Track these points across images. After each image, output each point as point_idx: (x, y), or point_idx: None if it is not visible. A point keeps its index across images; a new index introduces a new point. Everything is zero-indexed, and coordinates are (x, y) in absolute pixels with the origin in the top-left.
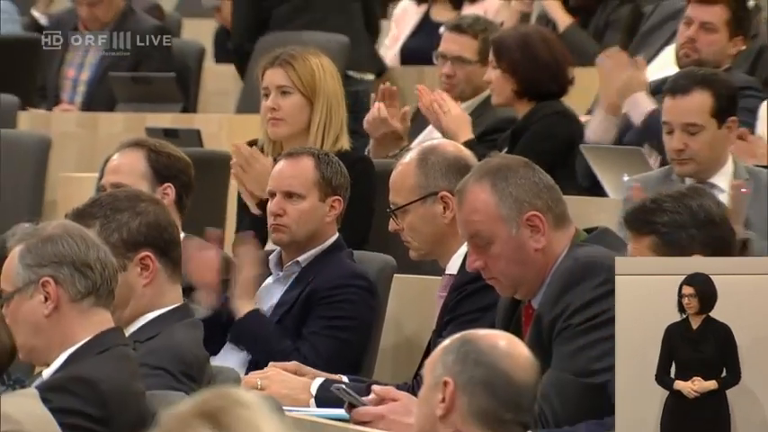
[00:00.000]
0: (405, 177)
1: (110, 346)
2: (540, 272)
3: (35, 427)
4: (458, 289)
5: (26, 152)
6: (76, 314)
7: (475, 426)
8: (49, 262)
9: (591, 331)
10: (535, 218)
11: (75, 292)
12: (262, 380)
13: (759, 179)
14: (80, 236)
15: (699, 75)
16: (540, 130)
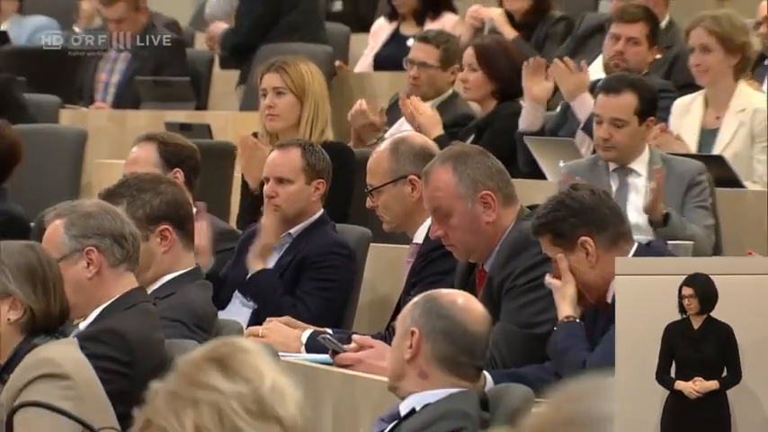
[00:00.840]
0: (379, 163)
1: (135, 303)
2: (490, 241)
3: (74, 369)
4: (423, 255)
5: (66, 143)
6: (113, 277)
7: (436, 368)
8: (93, 234)
9: (532, 291)
10: (487, 196)
11: (114, 259)
12: (263, 330)
13: (671, 165)
14: (114, 212)
15: (629, 79)
16: (501, 127)
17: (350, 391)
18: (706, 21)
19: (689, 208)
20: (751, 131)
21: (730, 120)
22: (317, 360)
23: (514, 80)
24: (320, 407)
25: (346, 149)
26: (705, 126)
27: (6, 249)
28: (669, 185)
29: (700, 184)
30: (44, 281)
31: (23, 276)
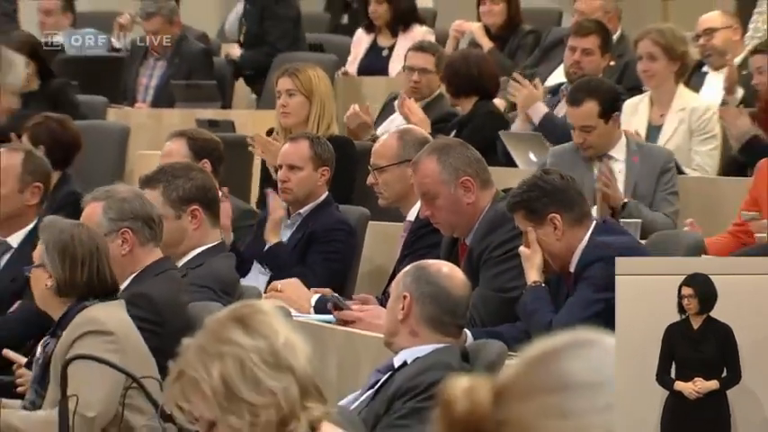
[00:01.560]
0: (387, 147)
1: (162, 271)
2: (470, 219)
3: (117, 327)
4: (414, 231)
5: (112, 137)
6: (143, 253)
7: (424, 326)
8: (127, 217)
9: (506, 261)
10: (467, 181)
11: (144, 238)
12: (282, 284)
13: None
14: (144, 197)
15: (587, 88)
16: (479, 123)
17: (351, 347)
18: (652, 33)
19: (660, 196)
20: (689, 127)
21: (672, 117)
22: (324, 320)
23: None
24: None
25: (348, 142)
26: (651, 123)
27: (53, 226)
28: (644, 169)
29: (670, 170)
30: (73, 256)
31: (56, 250)
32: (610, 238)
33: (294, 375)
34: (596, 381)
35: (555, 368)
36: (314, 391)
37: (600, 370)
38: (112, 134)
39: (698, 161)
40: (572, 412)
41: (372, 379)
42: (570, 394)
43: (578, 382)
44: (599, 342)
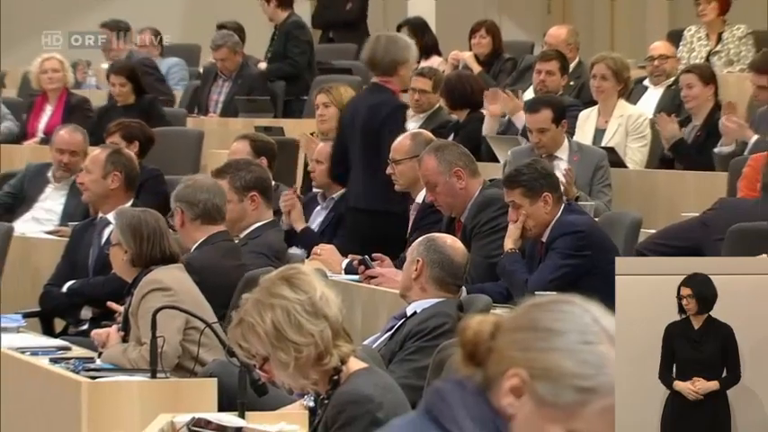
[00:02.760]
0: (402, 145)
1: (213, 242)
2: (464, 202)
3: (175, 284)
4: (421, 211)
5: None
6: (193, 227)
7: (431, 285)
8: (181, 199)
9: (491, 234)
10: (459, 171)
11: (194, 215)
12: (320, 249)
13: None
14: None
15: (544, 100)
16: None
17: (373, 299)
18: (606, 59)
19: (596, 188)
20: (626, 129)
21: (613, 122)
22: (352, 279)
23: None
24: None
25: None
26: (598, 127)
27: (124, 212)
28: (582, 165)
29: (603, 167)
30: (141, 234)
31: (129, 231)
32: (573, 217)
33: (328, 321)
34: (557, 328)
35: (531, 315)
36: (343, 333)
37: (562, 321)
38: (190, 137)
39: (630, 155)
40: (530, 347)
41: (389, 324)
42: (534, 334)
43: (542, 327)
44: (571, 302)
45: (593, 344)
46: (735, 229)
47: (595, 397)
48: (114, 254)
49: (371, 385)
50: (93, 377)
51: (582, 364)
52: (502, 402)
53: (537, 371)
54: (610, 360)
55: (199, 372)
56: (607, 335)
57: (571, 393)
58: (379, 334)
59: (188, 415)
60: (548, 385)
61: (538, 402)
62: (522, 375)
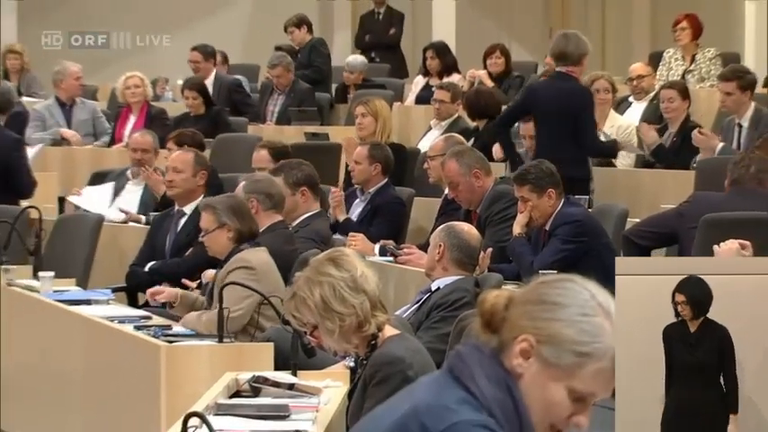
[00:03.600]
0: (437, 144)
1: (274, 229)
2: (479, 196)
3: (258, 264)
4: (444, 205)
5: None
6: (264, 215)
7: (452, 265)
8: (257, 191)
9: (502, 223)
10: (477, 172)
11: (267, 206)
12: (351, 238)
13: None
14: (269, 179)
15: None
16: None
17: (403, 277)
18: (605, 76)
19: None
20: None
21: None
22: (385, 260)
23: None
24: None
25: (401, 146)
26: None
27: (218, 200)
28: None
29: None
30: (241, 213)
31: (230, 212)
32: (572, 209)
33: (367, 295)
34: (560, 302)
35: (539, 291)
36: (379, 305)
37: (565, 296)
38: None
39: (621, 159)
40: (537, 318)
41: (416, 298)
42: (541, 306)
43: (548, 301)
44: (572, 281)
45: (590, 316)
46: (706, 218)
47: (591, 360)
48: (217, 236)
49: (403, 348)
50: (170, 341)
51: (580, 332)
52: (513, 363)
53: (543, 337)
54: (604, 330)
55: (258, 337)
56: (602, 309)
57: (571, 356)
58: (408, 306)
59: (249, 373)
60: (551, 349)
61: (543, 363)
62: (530, 340)
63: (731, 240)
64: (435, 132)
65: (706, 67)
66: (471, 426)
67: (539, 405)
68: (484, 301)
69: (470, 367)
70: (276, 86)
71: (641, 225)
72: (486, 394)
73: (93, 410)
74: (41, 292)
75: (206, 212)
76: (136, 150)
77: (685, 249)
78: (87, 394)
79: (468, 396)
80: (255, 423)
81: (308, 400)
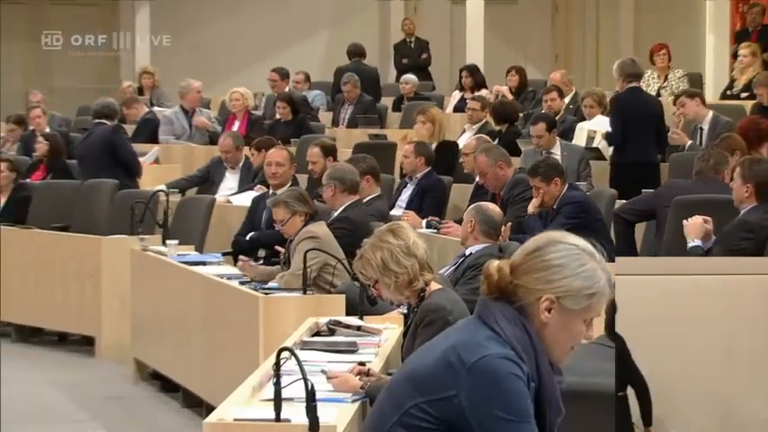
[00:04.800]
0: (471, 143)
1: (354, 207)
2: (503, 182)
3: (322, 234)
4: (475, 189)
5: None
6: (341, 196)
7: (481, 235)
8: (334, 178)
9: (519, 203)
10: (501, 164)
11: (342, 188)
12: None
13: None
14: (346, 167)
15: (539, 116)
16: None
17: (444, 244)
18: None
19: (583, 175)
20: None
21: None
22: (431, 231)
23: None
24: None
25: (452, 144)
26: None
27: (285, 195)
28: (570, 158)
29: (584, 159)
30: (306, 200)
31: (298, 201)
32: (574, 193)
33: (417, 259)
34: (561, 263)
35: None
36: (427, 266)
37: (561, 257)
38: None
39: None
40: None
41: (454, 261)
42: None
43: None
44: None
45: (584, 264)
46: (677, 200)
47: (597, 296)
48: (294, 222)
49: (444, 299)
50: (266, 293)
51: (584, 280)
52: (540, 317)
53: (560, 293)
54: (596, 270)
55: (333, 290)
56: (587, 253)
57: (584, 300)
58: (448, 267)
59: (326, 318)
60: (569, 300)
61: (564, 312)
62: (551, 298)
63: (696, 216)
64: (468, 134)
65: (676, 84)
66: (498, 358)
67: (564, 339)
68: (490, 276)
69: (493, 312)
70: (346, 99)
71: (628, 204)
72: (507, 333)
73: (207, 346)
74: (168, 255)
75: (278, 207)
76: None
77: (661, 223)
78: (203, 334)
79: (494, 335)
80: (331, 356)
81: (372, 339)
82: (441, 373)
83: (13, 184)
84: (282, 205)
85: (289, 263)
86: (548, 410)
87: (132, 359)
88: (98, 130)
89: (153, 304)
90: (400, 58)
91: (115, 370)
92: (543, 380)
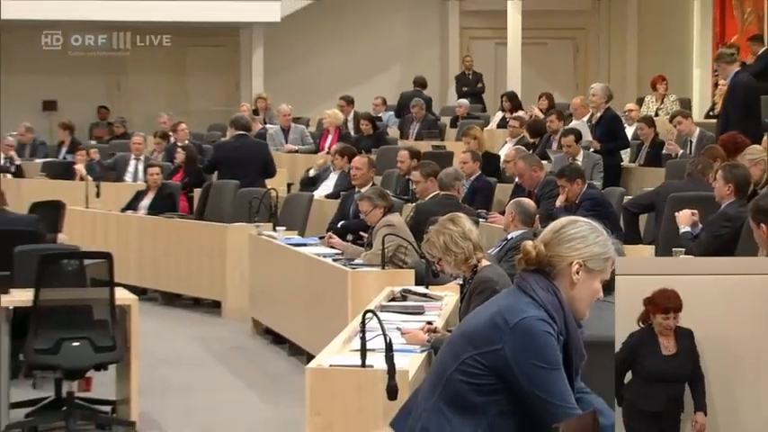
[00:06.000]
0: (510, 152)
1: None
2: (536, 182)
3: (397, 222)
4: (516, 189)
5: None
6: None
7: (520, 223)
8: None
9: (548, 199)
10: (535, 168)
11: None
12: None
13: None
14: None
15: (568, 130)
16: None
17: (491, 231)
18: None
19: (596, 176)
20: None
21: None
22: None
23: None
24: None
25: (493, 154)
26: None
27: (369, 192)
28: (587, 164)
29: (598, 164)
30: (385, 196)
31: (379, 197)
32: (592, 191)
33: (471, 242)
34: (583, 235)
35: (564, 234)
36: (479, 247)
37: (582, 231)
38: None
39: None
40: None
41: (499, 243)
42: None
43: (577, 237)
44: (574, 221)
45: (599, 236)
46: (672, 196)
47: (610, 260)
48: (375, 212)
49: (493, 273)
50: (353, 268)
51: (601, 246)
52: (572, 278)
53: (585, 258)
54: (606, 239)
55: (404, 266)
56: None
57: (602, 263)
58: (494, 248)
59: (400, 287)
60: (592, 263)
61: (588, 272)
62: (580, 262)
63: (686, 209)
64: (509, 145)
65: (670, 106)
66: (534, 319)
67: (587, 295)
68: (528, 252)
69: (530, 282)
70: (414, 117)
71: (633, 199)
72: (542, 298)
73: (308, 308)
74: (278, 239)
75: (364, 201)
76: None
77: (659, 214)
78: (305, 299)
79: (532, 300)
80: (404, 317)
81: (435, 303)
82: (489, 332)
83: (159, 184)
84: (367, 200)
85: (371, 245)
86: (574, 357)
87: (250, 318)
88: (250, 141)
89: (266, 276)
90: (461, 86)
91: (237, 327)
92: (570, 333)
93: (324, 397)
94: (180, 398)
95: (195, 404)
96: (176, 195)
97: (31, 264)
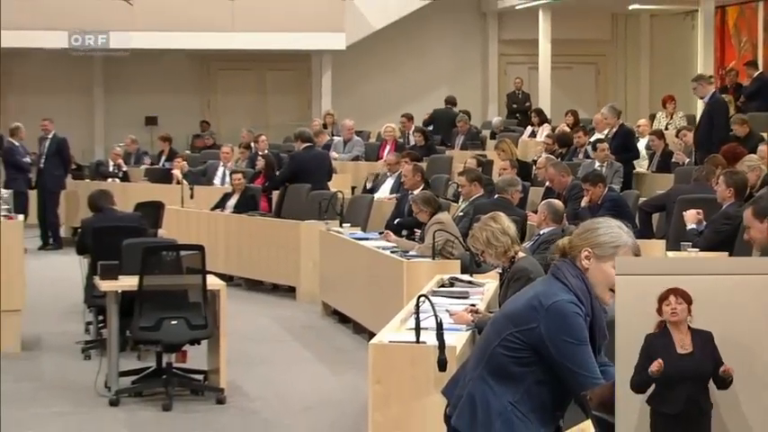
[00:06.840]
0: (542, 161)
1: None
2: (564, 186)
3: (446, 219)
4: (545, 192)
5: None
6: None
7: (550, 221)
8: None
9: (575, 200)
10: (563, 173)
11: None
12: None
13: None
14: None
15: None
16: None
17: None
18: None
19: (615, 181)
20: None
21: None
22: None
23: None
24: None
25: (526, 163)
26: None
27: (417, 196)
28: (609, 171)
29: (618, 171)
30: (432, 202)
31: (424, 202)
32: (612, 193)
33: (509, 237)
34: (595, 228)
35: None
36: (516, 241)
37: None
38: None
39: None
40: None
41: (533, 238)
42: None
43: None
44: (608, 221)
45: (611, 228)
46: (680, 198)
47: (620, 248)
48: (421, 214)
49: (528, 263)
50: (408, 259)
51: (610, 237)
52: (582, 264)
53: (594, 246)
54: (620, 233)
55: (452, 258)
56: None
57: (611, 250)
58: (529, 242)
59: (448, 275)
60: (599, 250)
61: (599, 259)
62: (589, 250)
63: (692, 209)
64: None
65: (678, 122)
66: (566, 302)
67: (602, 280)
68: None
69: (562, 270)
70: (460, 131)
71: (647, 201)
72: (572, 284)
73: (370, 293)
74: (344, 234)
75: (414, 204)
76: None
77: (669, 213)
78: (367, 285)
79: (564, 286)
80: (452, 300)
81: (478, 289)
82: (528, 312)
83: (243, 187)
84: (414, 204)
85: (423, 239)
86: (597, 335)
87: (320, 301)
88: (316, 152)
89: (334, 265)
90: (511, 103)
91: (309, 309)
92: (595, 314)
93: (384, 368)
94: (261, 368)
95: (273, 374)
96: (258, 197)
97: (136, 254)
